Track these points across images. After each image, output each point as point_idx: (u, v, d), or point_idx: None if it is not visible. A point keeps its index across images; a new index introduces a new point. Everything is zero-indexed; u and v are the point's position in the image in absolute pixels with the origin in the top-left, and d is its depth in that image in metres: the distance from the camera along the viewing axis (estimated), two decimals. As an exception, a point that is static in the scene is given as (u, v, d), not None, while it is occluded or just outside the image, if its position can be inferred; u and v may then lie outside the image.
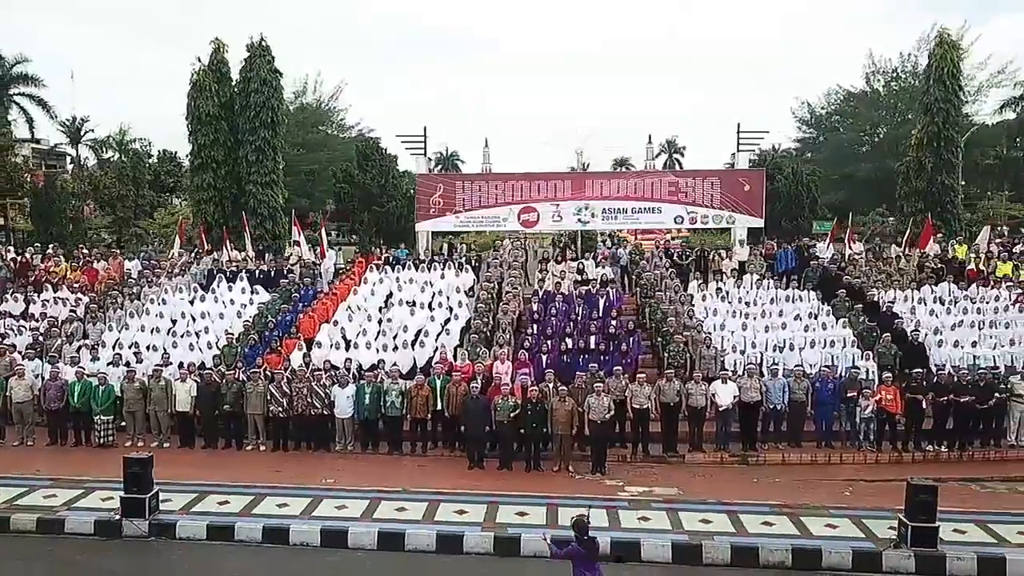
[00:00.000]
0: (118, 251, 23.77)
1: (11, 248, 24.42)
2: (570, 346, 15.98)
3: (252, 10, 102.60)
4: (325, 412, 14.27)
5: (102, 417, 14.51)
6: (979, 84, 38.99)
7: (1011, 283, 18.73)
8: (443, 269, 20.16)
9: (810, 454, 14.09)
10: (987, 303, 17.62)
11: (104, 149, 51.42)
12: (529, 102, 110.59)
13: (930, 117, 27.13)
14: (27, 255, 23.62)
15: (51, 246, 24.91)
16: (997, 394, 13.88)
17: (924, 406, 13.98)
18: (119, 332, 17.30)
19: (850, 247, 21.94)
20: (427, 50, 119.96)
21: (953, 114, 27.03)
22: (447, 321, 17.21)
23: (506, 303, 17.65)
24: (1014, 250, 21.81)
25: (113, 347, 16.54)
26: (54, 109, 45.71)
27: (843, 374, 14.93)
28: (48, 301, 19.41)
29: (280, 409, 14.23)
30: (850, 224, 24.50)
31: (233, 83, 28.45)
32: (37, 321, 18.17)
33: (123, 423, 14.87)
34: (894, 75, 43.11)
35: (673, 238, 35.43)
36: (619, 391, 13.91)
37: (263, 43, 28.17)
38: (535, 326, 16.82)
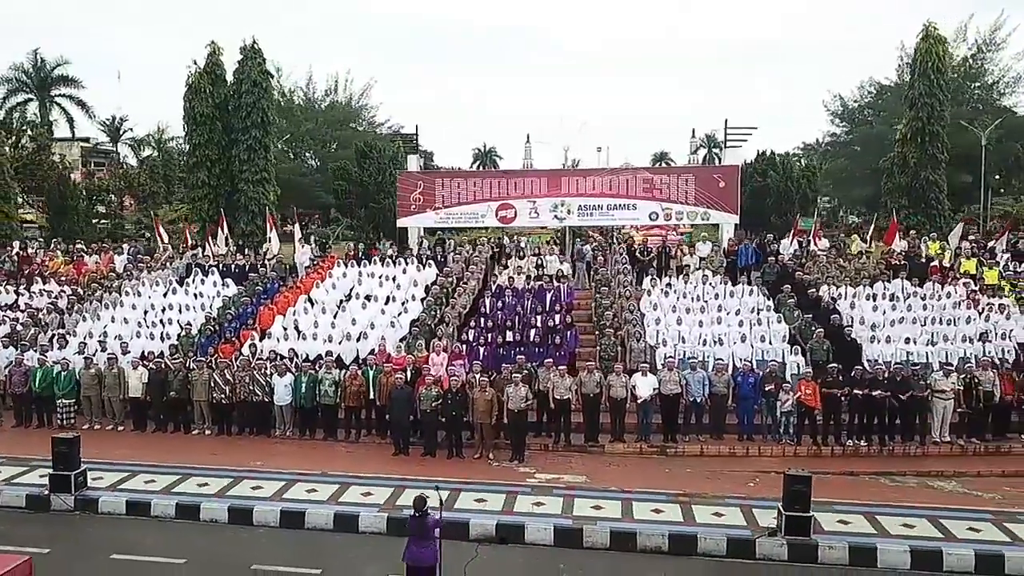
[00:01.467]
0: (110, 247, 24.86)
1: (15, 243, 25.62)
2: (509, 339, 16.44)
3: (266, 11, 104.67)
4: (265, 399, 15.01)
5: (63, 401, 15.51)
6: (1018, 75, 38.23)
7: (967, 280, 18.65)
8: (407, 264, 20.79)
9: (730, 446, 14.34)
10: (938, 300, 17.57)
11: (142, 147, 53.62)
12: (527, 102, 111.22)
13: (914, 112, 26.83)
14: (30, 250, 25.01)
15: (52, 241, 26.32)
16: (914, 390, 13.93)
17: (842, 401, 14.09)
18: (92, 322, 18.34)
19: (815, 243, 21.93)
20: (427, 48, 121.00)
21: (938, 109, 26.70)
22: (398, 315, 17.83)
23: (456, 297, 18.18)
24: (988, 248, 21.51)
25: (85, 337, 17.55)
26: (92, 109, 48.02)
27: (775, 368, 15.15)
28: (36, 293, 20.63)
29: (223, 396, 15.01)
30: (853, 222, 24.42)
31: (227, 84, 29.54)
32: (20, 311, 19.34)
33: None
34: None
35: (680, 234, 35.63)
36: (545, 382, 14.36)
37: (255, 46, 29.20)
38: (481, 320, 17.34)
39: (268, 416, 15.21)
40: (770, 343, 15.63)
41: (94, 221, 37.54)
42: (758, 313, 16.89)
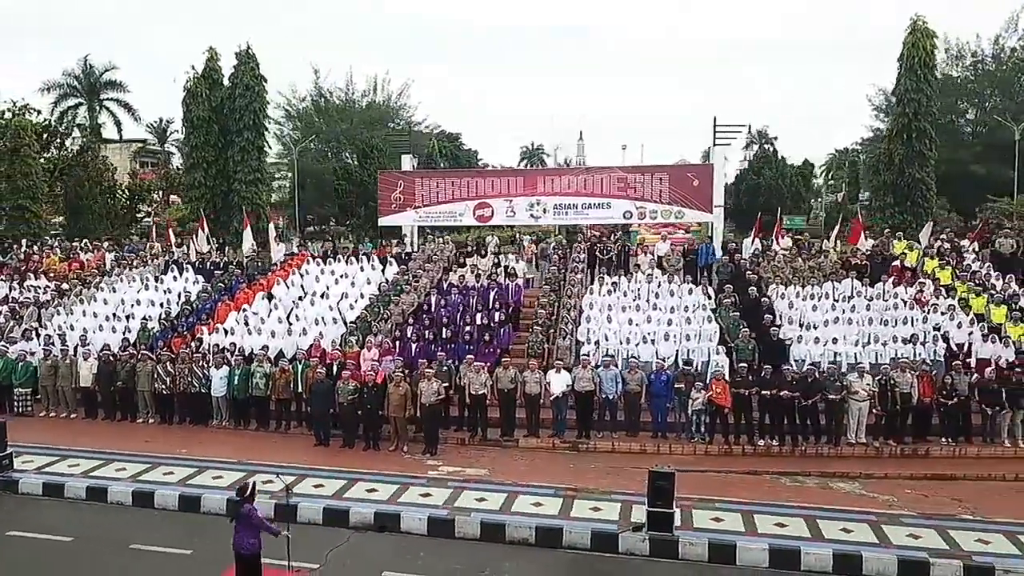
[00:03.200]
0: (103, 244, 26.13)
1: (23, 241, 27.17)
2: (444, 336, 16.83)
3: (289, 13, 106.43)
4: (203, 391, 15.74)
5: (20, 390, 16.54)
6: None
7: (924, 280, 18.28)
8: (368, 263, 21.37)
9: (642, 443, 14.45)
10: (884, 300, 17.29)
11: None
12: (526, 102, 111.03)
13: (901, 108, 26.19)
14: (34, 247, 26.47)
15: (52, 239, 27.79)
16: (828, 392, 13.81)
17: (752, 401, 14.07)
18: (65, 316, 19.42)
19: (777, 242, 21.69)
20: (427, 47, 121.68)
21: (925, 104, 25.95)
22: (345, 312, 18.39)
23: (402, 294, 18.66)
24: (957, 247, 20.97)
25: (55, 330, 18.60)
26: (138, 112, 50.15)
27: (699, 367, 15.22)
28: (25, 288, 21.88)
29: (163, 387, 15.81)
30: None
31: (224, 88, 30.71)
32: (6, 306, 20.58)
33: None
34: (978, 59, 38.83)
35: (687, 231, 35.46)
36: (463, 378, 14.72)
37: (249, 51, 30.27)
38: (424, 316, 17.77)
39: (207, 407, 15.94)
40: (696, 342, 15.63)
41: (139, 216, 39.12)
42: (688, 312, 16.83)
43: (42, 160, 34.50)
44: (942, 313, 16.42)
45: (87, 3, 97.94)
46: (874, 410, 13.94)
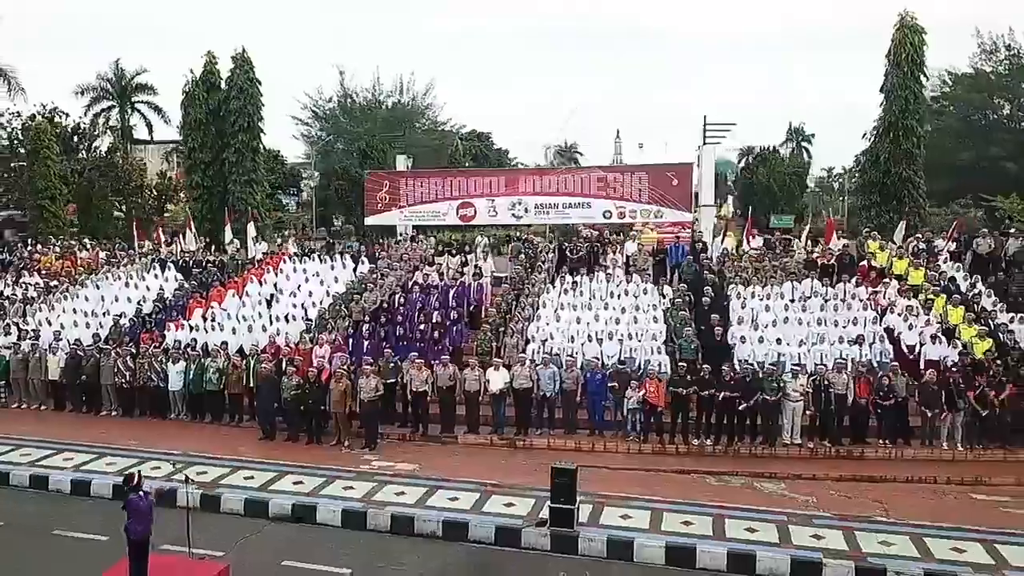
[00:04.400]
0: (97, 243, 27.03)
1: (29, 240, 28.23)
2: (399, 334, 17.12)
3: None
4: (160, 385, 16.28)
5: (-8, 383, 17.32)
6: None
7: (885, 281, 18.07)
8: (339, 262, 21.78)
9: (578, 441, 14.56)
10: (841, 301, 17.11)
11: None
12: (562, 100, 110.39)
13: (888, 104, 25.74)
14: (37, 246, 27.47)
15: (53, 239, 28.80)
16: (763, 392, 13.77)
17: (688, 400, 14.09)
18: (47, 312, 20.18)
19: (747, 242, 21.57)
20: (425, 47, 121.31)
21: (912, 101, 25.48)
22: (308, 309, 18.82)
23: (365, 293, 19.01)
24: (931, 247, 20.59)
25: (36, 325, 19.36)
26: (167, 114, 51.18)
27: (641, 366, 15.26)
28: (19, 285, 22.77)
29: (123, 381, 16.39)
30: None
31: (222, 91, 31.46)
32: (-4, 302, 21.47)
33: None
34: (1013, 52, 37.13)
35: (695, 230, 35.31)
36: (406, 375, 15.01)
37: (244, 55, 30.97)
38: (382, 315, 18.09)
39: (165, 400, 16.47)
40: (638, 341, 15.68)
41: (164, 214, 40.24)
42: (637, 311, 16.87)
43: (71, 162, 36.10)
44: (898, 314, 16.22)
45: (127, 6, 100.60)
46: (808, 411, 13.85)
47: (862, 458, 13.72)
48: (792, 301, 17.16)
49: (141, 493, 8.82)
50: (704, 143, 27.75)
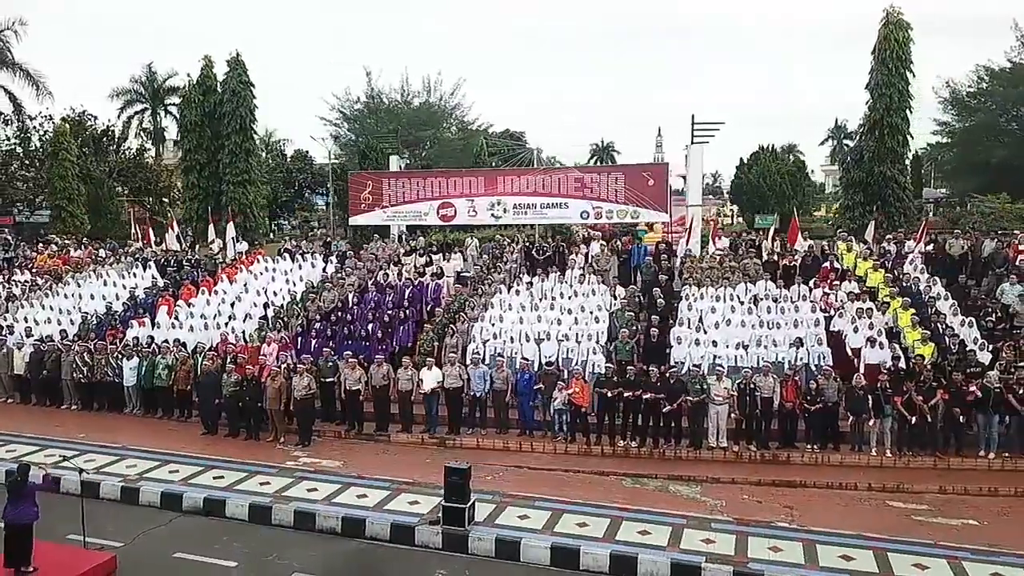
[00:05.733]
0: (92, 242, 27.96)
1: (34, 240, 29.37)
2: (347, 332, 17.38)
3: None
4: (116, 380, 16.81)
5: (-37, 376, 18.05)
6: None
7: (836, 282, 17.76)
8: (310, 261, 22.17)
9: (506, 441, 14.63)
10: (791, 303, 16.84)
11: None
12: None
13: (873, 102, 25.17)
14: (38, 245, 28.60)
15: (52, 237, 29.87)
16: (688, 394, 13.66)
17: (614, 401, 14.03)
18: (28, 309, 20.97)
19: (714, 243, 21.32)
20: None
21: (898, 99, 24.86)
22: (266, 307, 19.23)
23: (324, 292, 19.34)
24: (905, 250, 20.10)
25: (15, 321, 20.14)
26: None
27: (578, 366, 15.26)
28: (12, 283, 23.68)
29: (82, 376, 16.96)
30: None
31: (217, 94, 32.24)
32: (-15, 298, 22.35)
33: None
34: None
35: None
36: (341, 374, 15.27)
37: (238, 58, 31.67)
38: (334, 314, 18.37)
39: (121, 395, 17.00)
40: (575, 342, 15.67)
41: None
42: (579, 312, 16.84)
43: (100, 164, 37.31)
44: (849, 317, 15.90)
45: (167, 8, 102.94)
46: (732, 414, 13.69)
47: (787, 463, 13.51)
48: (741, 303, 16.95)
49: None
50: (692, 142, 27.47)
